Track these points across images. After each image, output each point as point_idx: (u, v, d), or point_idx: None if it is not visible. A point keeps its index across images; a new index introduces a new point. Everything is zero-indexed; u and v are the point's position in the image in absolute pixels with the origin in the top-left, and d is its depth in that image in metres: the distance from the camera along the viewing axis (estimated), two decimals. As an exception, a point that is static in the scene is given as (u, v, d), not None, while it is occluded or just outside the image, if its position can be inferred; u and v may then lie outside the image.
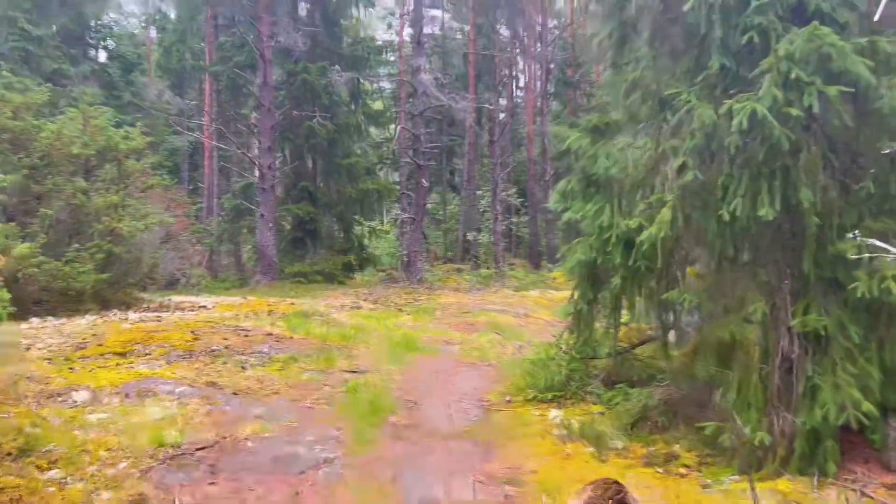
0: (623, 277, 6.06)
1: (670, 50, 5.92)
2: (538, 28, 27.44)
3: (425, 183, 17.39)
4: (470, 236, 28.06)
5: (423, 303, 13.63)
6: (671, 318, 6.28)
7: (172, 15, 31.88)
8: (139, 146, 11.60)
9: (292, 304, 11.88)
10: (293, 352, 7.72)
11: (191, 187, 34.68)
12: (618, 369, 6.95)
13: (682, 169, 5.19)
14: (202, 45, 25.04)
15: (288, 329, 8.95)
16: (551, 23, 29.11)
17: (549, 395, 6.63)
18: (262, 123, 17.90)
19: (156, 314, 10.31)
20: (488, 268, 30.57)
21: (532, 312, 13.15)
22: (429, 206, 33.01)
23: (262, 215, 17.57)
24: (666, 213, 5.16)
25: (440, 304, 13.43)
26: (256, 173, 18.67)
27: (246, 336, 8.28)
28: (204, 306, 11.33)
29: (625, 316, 6.82)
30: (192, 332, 8.34)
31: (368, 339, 8.83)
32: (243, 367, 7.03)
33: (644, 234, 5.32)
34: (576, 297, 7.23)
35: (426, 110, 17.53)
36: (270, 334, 8.54)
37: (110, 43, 38.04)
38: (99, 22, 27.83)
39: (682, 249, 5.88)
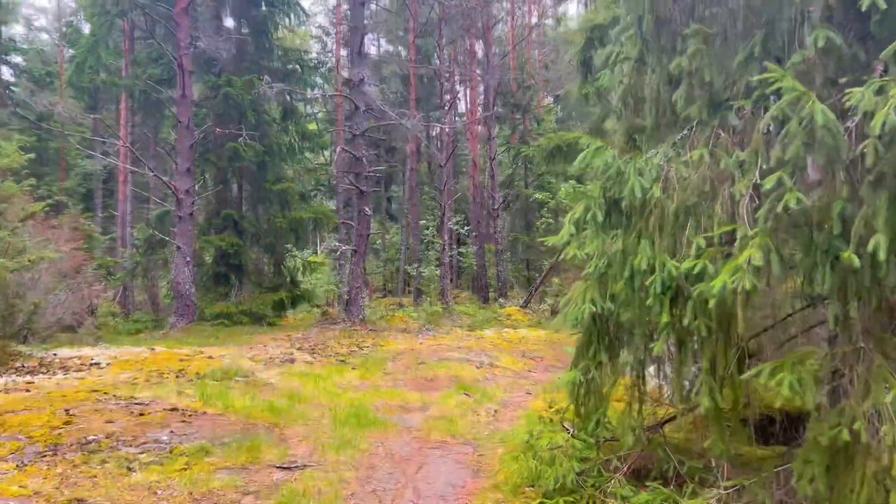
0: (675, 341, 4.42)
1: (729, 26, 4.42)
2: (480, 52, 26.30)
3: (368, 211, 15.55)
4: (411, 269, 26.28)
5: (370, 351, 11.70)
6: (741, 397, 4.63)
7: (86, 30, 29.30)
8: (13, 164, 9.32)
9: (210, 357, 9.76)
10: (204, 438, 5.71)
11: (104, 215, 31.76)
12: (646, 457, 5.29)
13: (773, 190, 3.61)
14: (120, 62, 22.68)
15: (200, 400, 6.91)
16: (494, 49, 28.05)
17: (560, 502, 4.87)
18: (179, 143, 15.70)
19: (28, 378, 8.06)
20: (431, 302, 28.91)
21: (496, 360, 11.44)
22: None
23: (179, 247, 15.30)
24: (754, 255, 3.56)
25: (390, 353, 11.54)
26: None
27: (141, 415, 6.20)
28: (97, 363, 9.08)
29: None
30: (66, 409, 6.23)
31: (307, 413, 6.87)
32: (129, 469, 4.99)
33: (715, 283, 3.70)
34: (583, 361, 5.59)
35: (369, 130, 15.74)
36: (175, 409, 6.48)
37: (15, 58, 34.92)
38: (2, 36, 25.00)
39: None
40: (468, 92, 25.73)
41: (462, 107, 33.10)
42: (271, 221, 17.32)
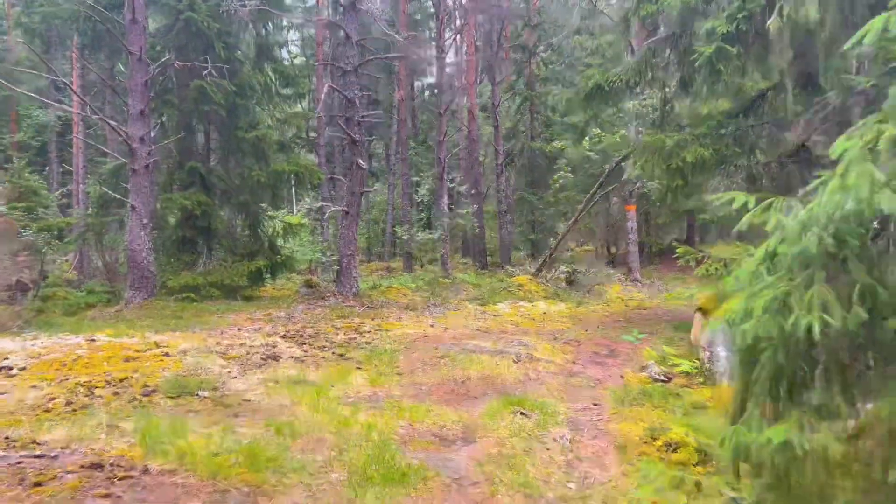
0: None
1: None
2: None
3: (363, 164, 13.10)
4: (402, 231, 23.89)
5: (373, 338, 9.41)
6: None
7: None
8: None
9: (166, 354, 7.42)
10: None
11: (62, 171, 28.92)
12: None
13: None
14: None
15: (141, 444, 4.58)
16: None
17: None
18: (130, 79, 13.02)
19: None
20: (425, 268, 26.64)
21: (530, 349, 9.23)
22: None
23: (133, 207, 12.78)
24: None
25: (398, 340, 9.27)
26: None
27: (36, 484, 3.87)
28: (6, 367, 6.67)
29: None
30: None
31: (306, 460, 4.60)
32: None
33: None
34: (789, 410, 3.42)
35: (369, 61, 13.16)
36: (99, 466, 4.18)
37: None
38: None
39: None
40: (465, 29, 22.97)
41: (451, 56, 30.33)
42: (245, 176, 14.79)
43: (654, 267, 21.74)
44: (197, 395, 5.91)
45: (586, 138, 15.69)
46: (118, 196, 13.94)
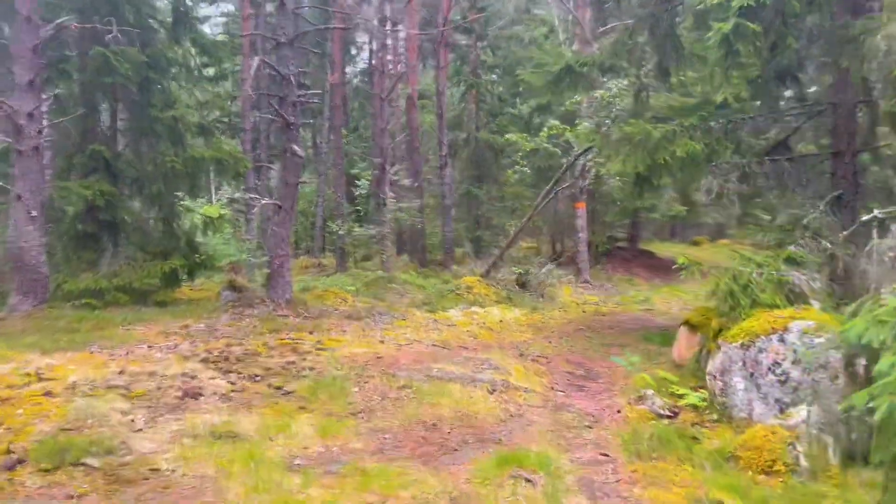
0: None
1: None
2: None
3: (299, 152, 11.43)
4: (337, 226, 22.27)
5: (315, 360, 7.85)
6: None
7: None
8: None
9: (47, 393, 5.70)
10: None
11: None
12: None
13: None
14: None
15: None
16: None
17: None
18: (17, 44, 10.89)
19: None
20: (355, 262, 25.04)
21: (500, 369, 7.93)
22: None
23: (19, 196, 10.71)
24: None
25: (347, 364, 7.75)
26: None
27: None
28: None
29: None
30: None
31: None
32: None
33: None
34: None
35: (307, 33, 11.48)
36: None
37: None
38: None
39: None
40: (407, 9, 21.41)
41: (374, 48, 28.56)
42: (158, 162, 12.84)
43: (601, 267, 20.94)
44: (83, 464, 4.29)
45: (544, 130, 14.56)
46: (0, 183, 11.76)
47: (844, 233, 8.11)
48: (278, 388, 6.63)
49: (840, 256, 7.73)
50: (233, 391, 6.43)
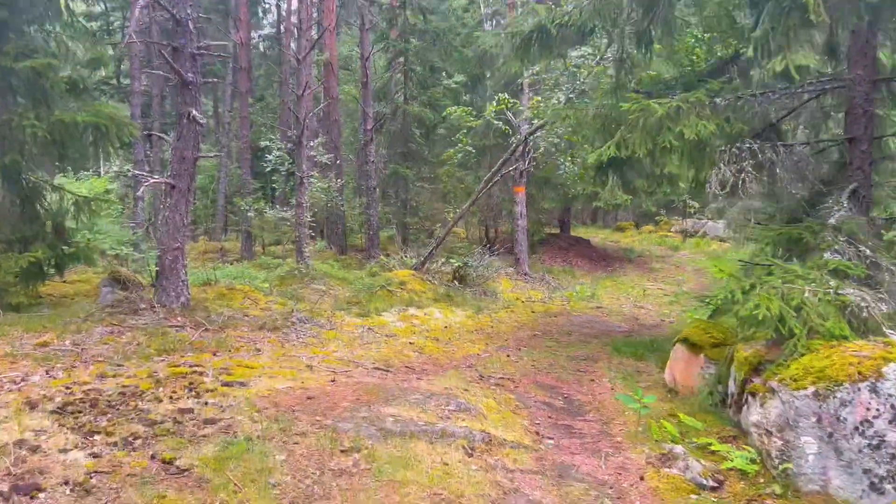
0: None
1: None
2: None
3: (199, 117, 9.08)
4: (245, 204, 19.82)
5: (221, 403, 5.73)
6: None
7: None
8: None
9: None
10: None
11: None
12: None
13: None
14: None
15: None
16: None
17: None
18: None
19: None
20: (264, 247, 22.57)
21: (471, 410, 6.11)
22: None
23: None
24: None
25: (264, 406, 5.69)
26: None
27: None
28: None
29: None
30: None
31: None
32: None
33: None
34: None
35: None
36: None
37: None
38: None
39: None
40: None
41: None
42: (14, 126, 10.10)
43: (538, 257, 19.49)
44: None
45: (492, 104, 12.72)
46: None
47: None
48: (167, 462, 4.51)
49: (886, 266, 6.36)
50: (95, 472, 4.27)
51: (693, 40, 10.35)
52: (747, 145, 7.32)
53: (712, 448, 5.38)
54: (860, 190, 7.89)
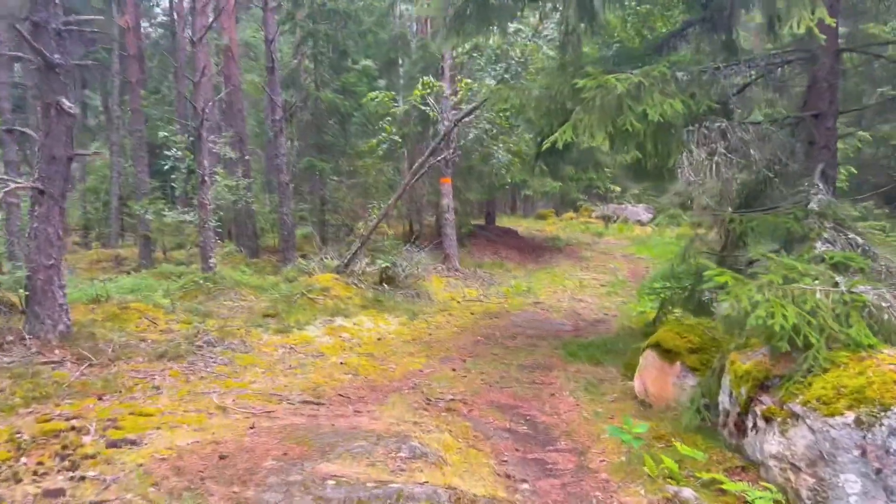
0: None
1: None
2: None
3: (70, 107, 7.51)
4: (140, 207, 17.97)
5: (101, 477, 4.39)
6: None
7: None
8: None
9: None
10: None
11: None
12: None
13: None
14: None
15: None
16: None
17: None
18: None
19: None
20: (165, 253, 20.65)
21: (430, 454, 5.04)
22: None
23: None
24: None
25: (161, 478, 4.40)
26: None
27: None
28: None
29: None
30: None
31: None
32: None
33: None
34: None
35: None
36: None
37: None
38: None
39: None
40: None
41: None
42: None
43: (467, 251, 18.56)
44: None
45: (418, 87, 11.57)
46: None
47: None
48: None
49: (882, 256, 5.71)
50: None
51: (631, 18, 9.58)
52: (717, 124, 6.54)
53: (723, 486, 4.52)
54: (827, 170, 7.31)
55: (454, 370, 8.23)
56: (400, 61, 20.27)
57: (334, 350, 8.74)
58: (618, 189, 28.24)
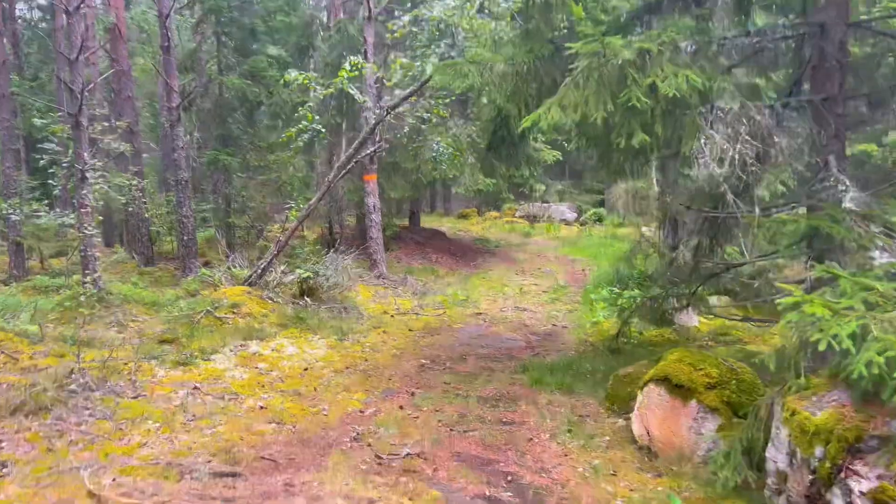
0: None
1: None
2: None
3: None
4: (8, 207, 15.46)
5: None
6: None
7: None
8: None
9: None
10: None
11: None
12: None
13: None
14: None
15: None
16: None
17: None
18: None
19: None
20: (42, 261, 18.02)
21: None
22: None
23: None
24: None
25: None
26: None
27: None
28: None
29: None
30: None
31: None
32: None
33: None
34: None
35: None
36: None
37: None
38: None
39: None
40: None
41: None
42: None
43: (394, 255, 17.05)
44: None
45: (344, 68, 9.93)
46: None
47: None
48: None
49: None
50: None
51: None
52: (733, 105, 5.36)
53: None
54: (839, 162, 6.32)
55: (402, 408, 6.74)
56: (313, 48, 18.48)
57: (250, 388, 7.05)
58: (542, 187, 27.43)
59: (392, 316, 11.47)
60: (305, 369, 7.94)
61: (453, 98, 11.18)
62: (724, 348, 9.67)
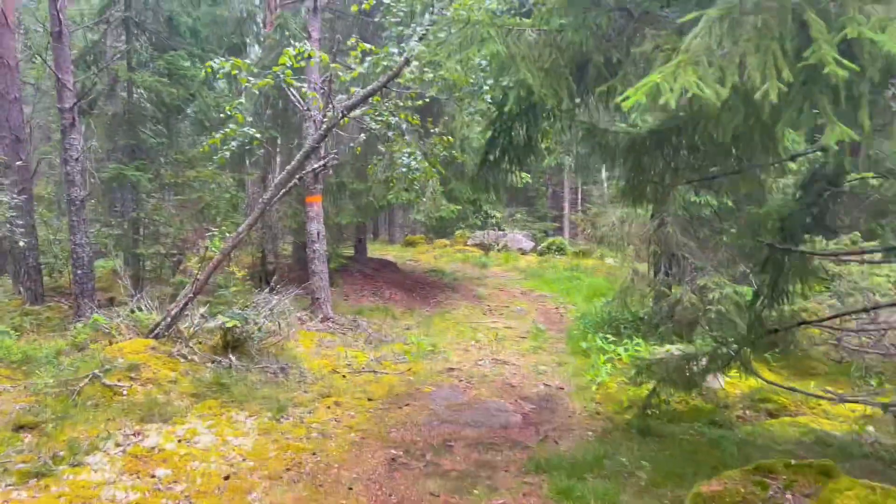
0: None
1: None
2: None
3: None
4: None
5: None
6: None
7: None
8: None
9: None
10: None
11: None
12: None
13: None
14: None
15: None
16: None
17: None
18: None
19: None
20: None
21: None
22: None
23: None
24: None
25: None
26: None
27: None
28: None
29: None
30: None
31: None
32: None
33: None
34: None
35: None
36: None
37: None
38: None
39: None
40: None
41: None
42: None
43: (340, 291, 14.61)
44: None
45: (286, 53, 7.63)
46: None
47: None
48: None
49: None
50: None
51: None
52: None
53: None
54: None
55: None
56: (245, 47, 16.06)
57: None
58: (499, 215, 25.49)
59: (344, 376, 9.04)
60: (226, 477, 5.46)
61: (426, 100, 8.97)
62: (775, 422, 7.70)
